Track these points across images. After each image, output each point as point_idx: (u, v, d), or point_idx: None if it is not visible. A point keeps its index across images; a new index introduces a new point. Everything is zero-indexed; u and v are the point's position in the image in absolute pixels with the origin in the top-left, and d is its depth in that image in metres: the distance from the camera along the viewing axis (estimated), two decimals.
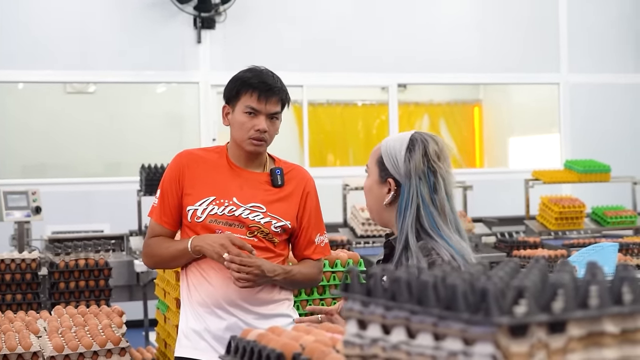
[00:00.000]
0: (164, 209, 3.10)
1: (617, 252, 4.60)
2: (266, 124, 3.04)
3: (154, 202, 3.15)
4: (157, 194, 3.15)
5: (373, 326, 1.30)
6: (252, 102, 3.03)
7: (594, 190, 10.21)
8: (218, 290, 3.03)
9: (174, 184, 3.10)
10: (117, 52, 10.06)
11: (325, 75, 10.80)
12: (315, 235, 3.18)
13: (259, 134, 3.03)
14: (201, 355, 3.05)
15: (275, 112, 3.06)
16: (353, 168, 10.97)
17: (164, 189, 3.12)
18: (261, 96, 3.03)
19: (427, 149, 2.47)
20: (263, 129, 3.03)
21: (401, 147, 2.49)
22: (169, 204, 3.10)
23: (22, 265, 4.52)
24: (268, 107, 3.04)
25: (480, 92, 13.40)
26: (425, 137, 2.51)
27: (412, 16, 11.06)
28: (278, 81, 3.09)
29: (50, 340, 3.18)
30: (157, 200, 3.13)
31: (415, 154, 2.46)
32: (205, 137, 10.36)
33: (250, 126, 3.03)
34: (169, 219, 3.10)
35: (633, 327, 1.19)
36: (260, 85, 3.03)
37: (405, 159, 2.47)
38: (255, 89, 3.03)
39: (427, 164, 2.46)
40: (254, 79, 3.05)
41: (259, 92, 3.03)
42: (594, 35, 11.70)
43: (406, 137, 2.51)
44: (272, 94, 3.04)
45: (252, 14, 10.44)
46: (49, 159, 10.71)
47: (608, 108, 11.75)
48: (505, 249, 7.51)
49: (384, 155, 2.52)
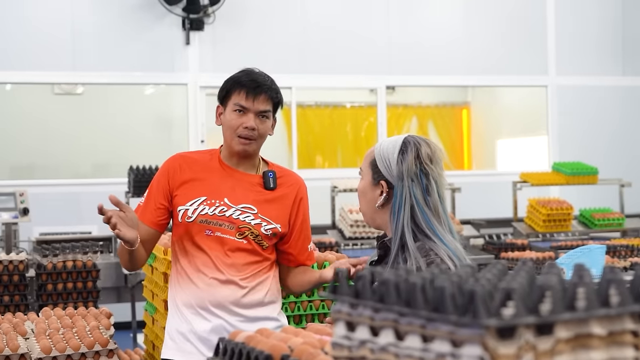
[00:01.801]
0: (147, 207, 3.11)
1: (605, 254, 4.61)
2: (254, 122, 3.03)
3: (140, 202, 3.16)
4: (145, 193, 3.17)
5: (361, 328, 1.30)
6: (240, 99, 3.03)
7: (582, 192, 10.25)
8: (204, 291, 3.02)
9: (161, 185, 3.11)
10: (106, 54, 10.04)
11: (314, 77, 10.80)
12: (308, 241, 3.21)
13: (247, 131, 3.03)
14: (186, 357, 3.05)
15: (264, 111, 3.05)
16: (341, 170, 10.97)
17: (151, 188, 3.14)
18: (249, 93, 3.03)
19: (419, 152, 2.50)
20: (251, 126, 3.02)
21: (394, 150, 2.51)
22: (153, 203, 3.10)
23: (10, 266, 4.51)
24: (256, 104, 3.03)
25: (469, 95, 13.43)
26: (418, 140, 2.54)
27: (401, 18, 11.08)
28: (268, 80, 3.09)
29: (37, 342, 3.17)
30: (144, 199, 3.14)
31: (407, 157, 2.48)
32: (193, 139, 10.34)
33: (238, 124, 3.03)
34: (150, 216, 3.10)
35: (620, 329, 1.19)
36: (248, 83, 3.04)
37: (397, 161, 2.49)
38: (243, 87, 3.04)
39: (419, 167, 2.48)
40: (244, 77, 3.06)
41: (247, 90, 3.03)
42: (581, 37, 11.75)
43: (399, 140, 2.54)
44: (260, 91, 3.04)
45: (241, 16, 10.43)
46: (37, 160, 10.68)
47: (596, 110, 11.79)
48: (493, 251, 7.53)
49: (377, 157, 2.55)
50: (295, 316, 3.62)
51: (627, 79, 11.93)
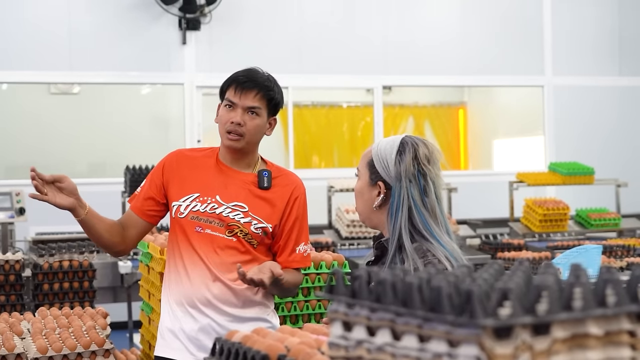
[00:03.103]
0: (139, 197, 3.16)
1: (601, 254, 4.62)
2: (241, 118, 3.01)
3: (136, 191, 3.22)
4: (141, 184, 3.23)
5: (358, 328, 1.30)
6: (230, 94, 3.03)
7: (578, 192, 10.25)
8: (193, 289, 3.02)
9: (155, 177, 3.14)
10: (102, 53, 10.03)
11: (311, 77, 10.80)
12: (299, 243, 3.11)
13: (234, 126, 3.01)
14: (175, 355, 3.05)
15: (252, 107, 3.02)
16: (338, 170, 10.97)
17: (148, 179, 3.18)
18: (237, 88, 3.02)
19: (417, 152, 2.49)
20: (237, 121, 3.00)
21: (392, 150, 2.51)
22: (143, 193, 3.15)
23: (6, 266, 4.50)
24: (243, 100, 3.01)
25: (465, 95, 13.44)
26: (416, 140, 2.53)
27: (397, 18, 11.08)
28: (263, 78, 3.06)
29: (34, 342, 3.17)
30: (140, 189, 3.20)
31: (405, 157, 2.48)
32: (190, 139, 10.34)
33: (226, 119, 3.03)
34: (137, 203, 3.16)
35: (617, 329, 1.19)
36: (239, 79, 3.03)
37: (395, 162, 2.49)
38: (233, 82, 3.04)
39: (417, 167, 2.48)
40: (240, 73, 3.06)
41: (236, 85, 3.03)
42: (578, 37, 11.76)
43: (397, 140, 2.53)
44: (250, 86, 3.01)
45: (238, 15, 10.43)
46: (33, 160, 10.65)
47: (592, 111, 11.80)
48: (490, 251, 7.53)
49: (375, 158, 2.54)
50: (292, 316, 3.62)
51: (624, 79, 11.94)
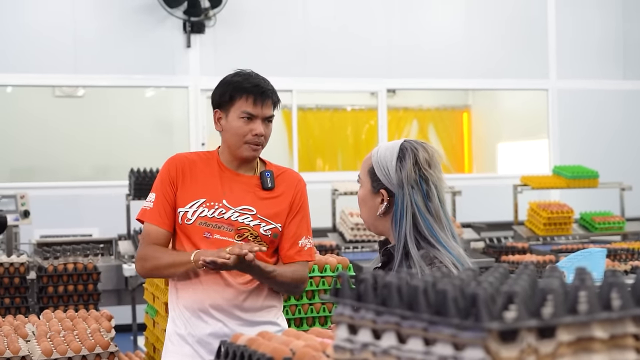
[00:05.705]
0: (159, 210, 3.05)
1: (605, 257, 4.61)
2: (262, 128, 3.03)
3: (147, 206, 3.08)
4: (150, 197, 3.09)
5: (363, 331, 1.31)
6: (247, 106, 3.01)
7: (582, 195, 10.25)
8: (205, 294, 3.01)
9: (167, 186, 3.07)
10: (106, 56, 10.04)
11: (315, 80, 10.81)
12: (301, 236, 3.11)
13: (257, 138, 3.02)
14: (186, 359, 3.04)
15: (270, 116, 3.06)
16: (342, 173, 10.98)
17: (159, 191, 3.07)
18: (257, 100, 3.01)
19: (417, 158, 2.47)
20: (260, 133, 3.02)
21: (392, 157, 2.49)
22: (164, 205, 3.05)
23: (11, 269, 4.51)
24: (264, 110, 3.03)
25: (469, 98, 13.43)
26: (415, 145, 2.51)
27: (402, 22, 11.09)
28: (268, 84, 3.09)
29: (38, 345, 3.17)
30: (153, 202, 3.06)
31: (406, 164, 2.46)
32: (194, 142, 10.35)
33: (247, 131, 3.01)
34: (165, 219, 3.04)
35: (622, 333, 1.19)
36: (254, 89, 3.02)
37: (396, 169, 2.47)
38: (250, 93, 3.02)
39: (418, 173, 2.46)
40: (245, 83, 3.04)
41: (254, 97, 3.01)
42: (582, 41, 11.75)
43: (396, 146, 2.51)
44: (267, 97, 3.03)
45: (242, 19, 10.44)
46: (38, 163, 10.68)
47: (596, 114, 11.79)
48: (494, 254, 7.53)
49: (375, 166, 2.53)
50: (296, 319, 3.62)
51: (628, 82, 11.93)
